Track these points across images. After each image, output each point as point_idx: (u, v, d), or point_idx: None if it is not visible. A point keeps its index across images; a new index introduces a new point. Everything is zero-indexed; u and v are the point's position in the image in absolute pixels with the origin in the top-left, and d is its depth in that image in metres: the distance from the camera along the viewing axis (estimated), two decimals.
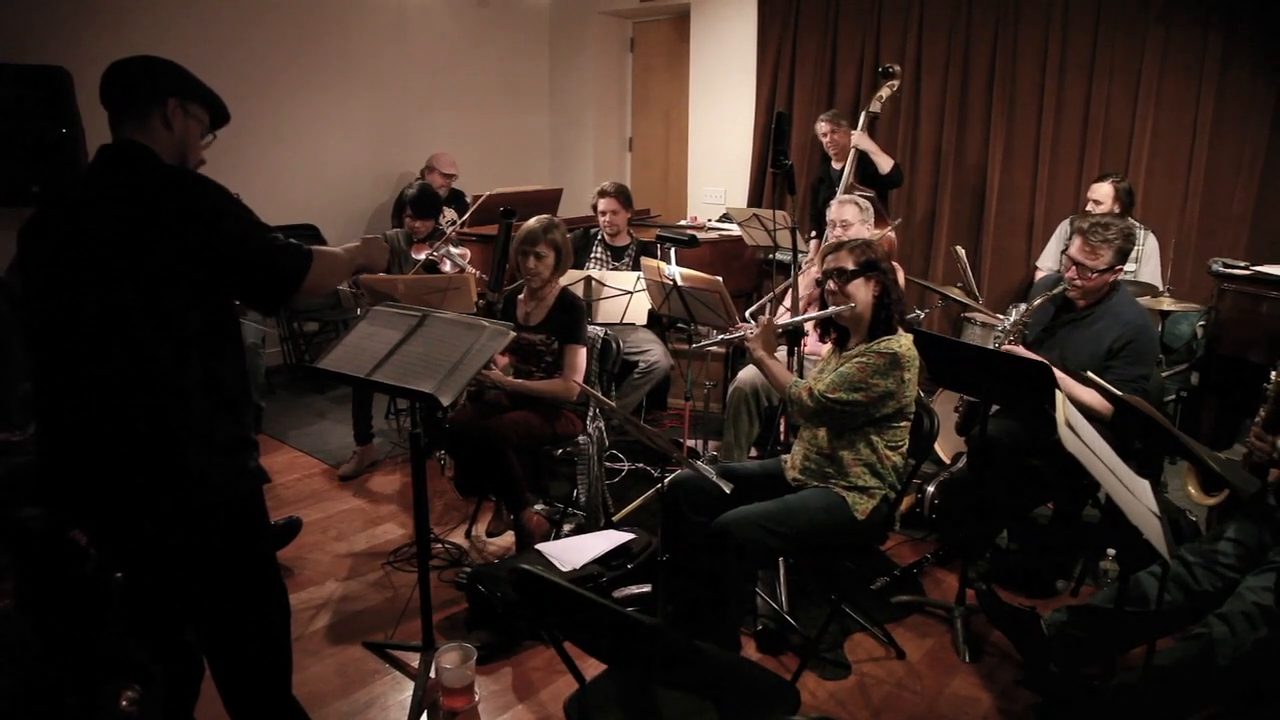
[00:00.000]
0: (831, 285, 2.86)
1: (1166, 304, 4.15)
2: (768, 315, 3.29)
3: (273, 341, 6.18)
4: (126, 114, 1.94)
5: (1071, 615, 2.67)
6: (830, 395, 2.74)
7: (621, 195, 4.79)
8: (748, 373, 3.97)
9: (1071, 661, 2.66)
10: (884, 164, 5.15)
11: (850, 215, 4.03)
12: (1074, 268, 3.20)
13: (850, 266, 2.81)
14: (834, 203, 4.15)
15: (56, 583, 2.57)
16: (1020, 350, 3.21)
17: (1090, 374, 2.91)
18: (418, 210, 4.72)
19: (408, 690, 2.80)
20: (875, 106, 5.13)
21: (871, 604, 3.27)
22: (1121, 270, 3.23)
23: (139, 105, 1.94)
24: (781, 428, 3.66)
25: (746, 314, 4.20)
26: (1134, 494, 2.14)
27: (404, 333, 2.57)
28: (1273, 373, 2.58)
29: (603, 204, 4.79)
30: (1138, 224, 4.43)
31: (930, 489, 3.86)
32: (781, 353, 3.45)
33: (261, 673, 2.09)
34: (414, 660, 2.90)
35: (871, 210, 4.11)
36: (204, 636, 2.04)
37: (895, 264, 3.57)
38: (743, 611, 2.95)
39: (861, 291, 2.81)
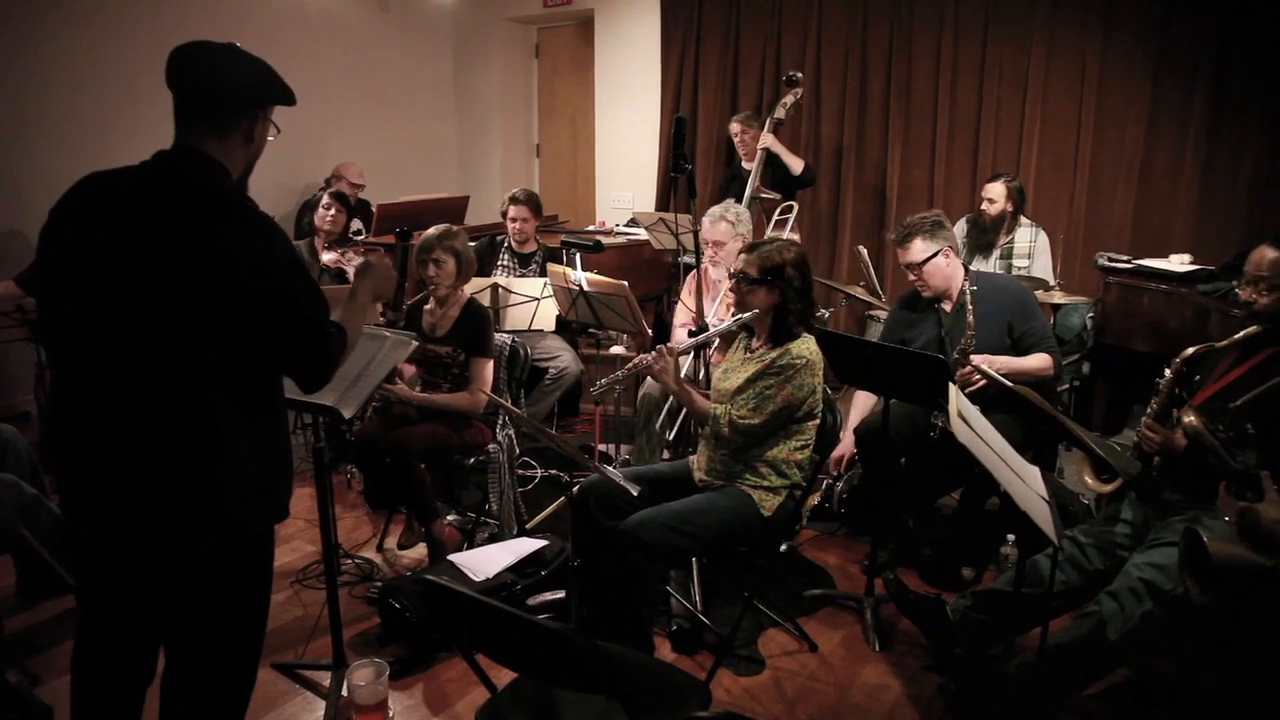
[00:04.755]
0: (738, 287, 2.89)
1: (1058, 297, 4.30)
2: (671, 341, 3.30)
3: None
4: (203, 121, 1.76)
5: (974, 600, 2.77)
6: (756, 423, 2.77)
7: (532, 203, 4.78)
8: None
9: (976, 644, 2.75)
10: (795, 165, 5.23)
11: (722, 233, 3.85)
12: (910, 273, 3.40)
13: (753, 274, 2.84)
14: (705, 220, 3.91)
15: None
16: (986, 362, 3.19)
17: (983, 365, 3.02)
18: None
19: (319, 710, 2.74)
20: (780, 114, 5.19)
21: (784, 599, 3.32)
22: (950, 254, 3.36)
23: (223, 118, 1.78)
24: (693, 428, 3.69)
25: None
26: (1024, 480, 2.23)
27: None
28: (1166, 369, 2.68)
29: (513, 211, 4.76)
30: (1030, 221, 4.60)
31: (839, 484, 3.94)
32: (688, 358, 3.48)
33: (231, 702, 1.99)
34: (325, 679, 2.83)
35: (747, 223, 3.94)
36: (184, 666, 1.89)
37: None
38: (655, 612, 2.97)
39: (762, 298, 2.85)
